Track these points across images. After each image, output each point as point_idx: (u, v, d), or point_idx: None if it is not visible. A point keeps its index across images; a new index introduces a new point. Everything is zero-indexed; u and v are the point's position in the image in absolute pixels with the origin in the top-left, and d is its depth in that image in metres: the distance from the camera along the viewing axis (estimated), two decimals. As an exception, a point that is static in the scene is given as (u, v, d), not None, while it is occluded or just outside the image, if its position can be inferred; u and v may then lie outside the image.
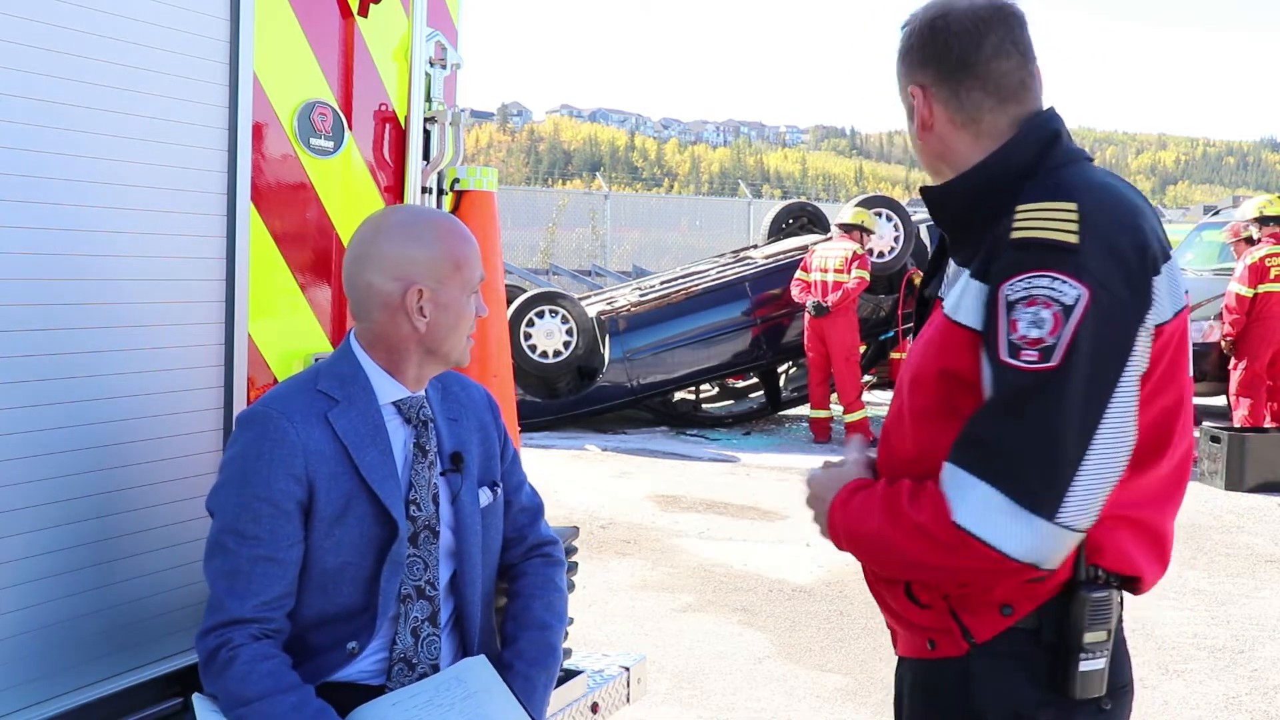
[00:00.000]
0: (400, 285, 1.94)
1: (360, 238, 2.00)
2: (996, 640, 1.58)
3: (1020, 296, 1.49)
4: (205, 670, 1.84)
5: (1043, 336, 1.46)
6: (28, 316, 1.92)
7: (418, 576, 1.98)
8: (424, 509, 1.98)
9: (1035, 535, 1.46)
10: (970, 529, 1.48)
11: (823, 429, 10.05)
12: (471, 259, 2.01)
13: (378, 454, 1.94)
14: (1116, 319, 1.48)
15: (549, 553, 2.22)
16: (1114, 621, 1.56)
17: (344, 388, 1.96)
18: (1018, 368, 1.48)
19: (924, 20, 1.70)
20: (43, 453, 1.94)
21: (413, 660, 1.98)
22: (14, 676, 1.92)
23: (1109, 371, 1.47)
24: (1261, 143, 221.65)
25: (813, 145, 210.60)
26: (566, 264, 18.85)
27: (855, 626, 5.12)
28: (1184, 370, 1.60)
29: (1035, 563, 1.47)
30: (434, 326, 1.97)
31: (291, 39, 2.41)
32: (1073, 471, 1.46)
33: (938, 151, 1.71)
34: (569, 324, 10.12)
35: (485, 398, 2.20)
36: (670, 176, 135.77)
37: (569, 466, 8.68)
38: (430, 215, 2.08)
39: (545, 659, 2.09)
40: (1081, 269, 1.47)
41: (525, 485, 2.25)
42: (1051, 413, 1.46)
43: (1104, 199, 1.55)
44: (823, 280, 9.74)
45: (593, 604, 5.22)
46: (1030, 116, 1.66)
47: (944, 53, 1.67)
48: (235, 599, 1.83)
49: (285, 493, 1.86)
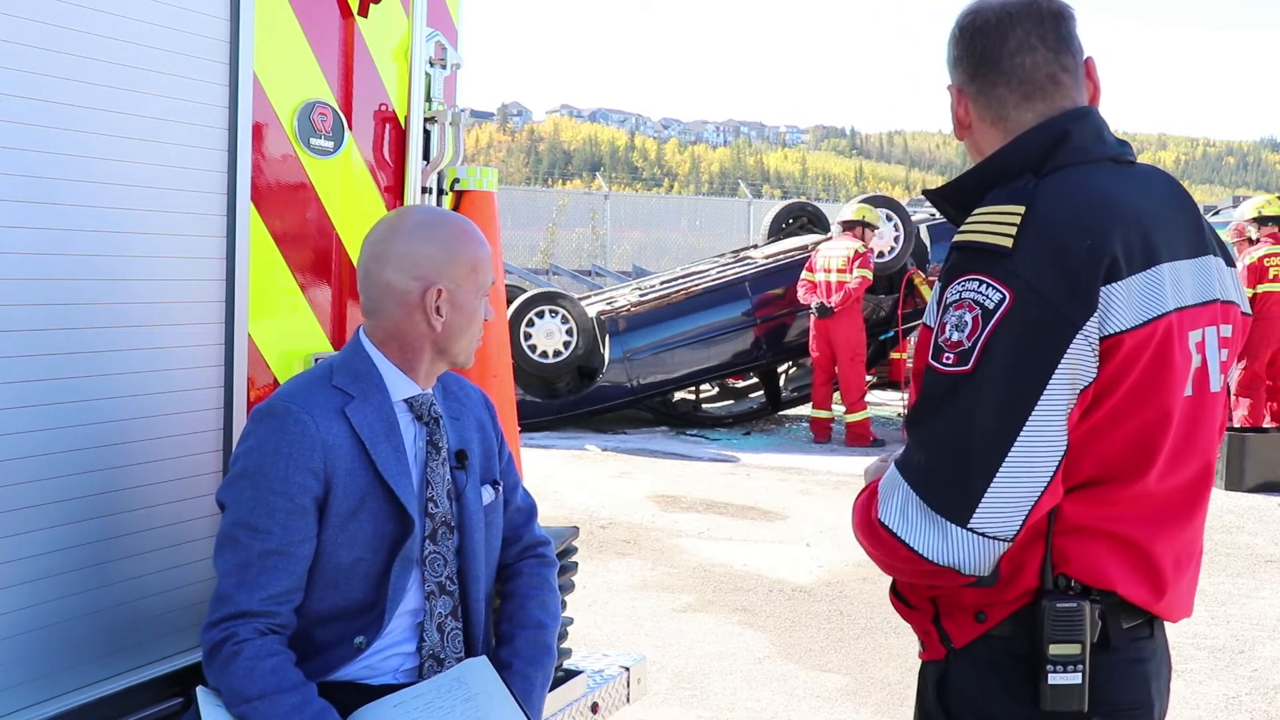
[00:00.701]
0: (420, 284, 1.95)
1: (378, 235, 2.01)
2: (972, 646, 1.57)
3: (953, 299, 1.49)
4: (209, 663, 1.85)
5: (962, 339, 1.46)
6: (28, 316, 1.92)
7: (439, 573, 2.00)
8: (440, 505, 2.00)
9: (948, 541, 1.44)
10: (891, 527, 1.49)
11: (823, 429, 10.06)
12: (487, 262, 2.04)
13: (392, 450, 1.95)
14: (1043, 325, 1.44)
15: (543, 553, 2.24)
16: (1089, 635, 1.50)
17: (358, 383, 1.97)
18: (937, 370, 1.48)
19: (957, 21, 1.69)
20: (43, 453, 1.94)
21: (441, 656, 2.00)
22: (14, 676, 1.92)
23: (1029, 378, 1.44)
24: (1261, 143, 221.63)
25: (813, 145, 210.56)
26: (566, 264, 18.85)
27: (855, 626, 5.12)
28: (1172, 385, 1.52)
29: (954, 567, 1.45)
30: (448, 327, 1.98)
31: (291, 39, 2.41)
32: (985, 478, 1.43)
33: (976, 149, 1.69)
34: (569, 324, 10.12)
35: (482, 397, 2.22)
36: (670, 176, 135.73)
37: (569, 466, 8.68)
38: (450, 216, 2.09)
39: (542, 658, 2.10)
40: (1010, 273, 1.45)
41: (520, 486, 2.27)
42: (963, 417, 1.44)
43: (1070, 202, 1.51)
44: (827, 280, 9.75)
45: (593, 604, 5.22)
46: (1054, 115, 1.62)
47: (971, 50, 1.66)
48: (244, 591, 1.83)
49: (302, 487, 1.86)
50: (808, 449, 9.75)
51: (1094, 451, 1.49)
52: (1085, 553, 1.52)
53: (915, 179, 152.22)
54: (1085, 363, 1.45)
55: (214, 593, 1.88)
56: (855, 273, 9.62)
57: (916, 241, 10.79)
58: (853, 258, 9.64)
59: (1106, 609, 1.53)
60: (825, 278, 9.76)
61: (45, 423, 1.95)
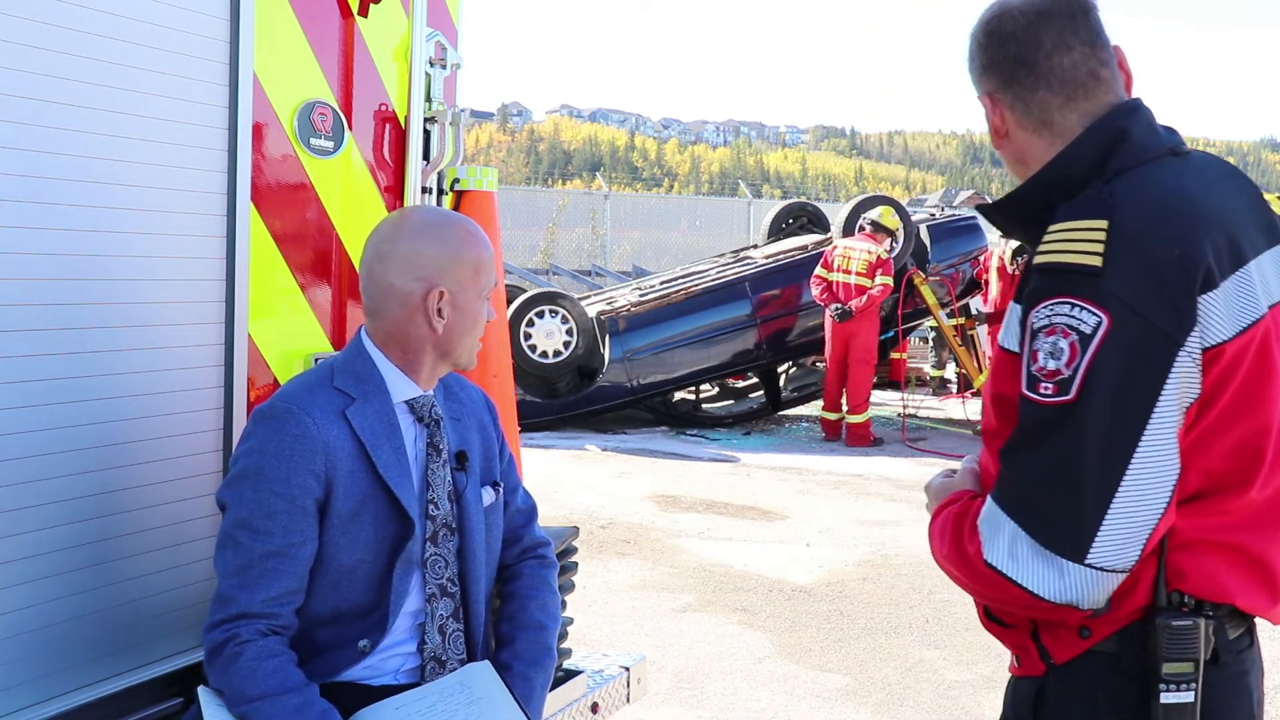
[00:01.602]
0: (423, 286, 1.94)
1: (381, 236, 2.00)
2: (1075, 662, 1.50)
3: (1042, 325, 1.41)
4: (211, 664, 1.85)
5: (1060, 368, 1.38)
6: (28, 316, 1.92)
7: (440, 575, 2.00)
8: (441, 507, 2.00)
9: (1064, 578, 1.38)
10: (1000, 569, 1.42)
11: (834, 429, 10.07)
12: (489, 264, 2.02)
13: (393, 452, 1.95)
14: (1146, 346, 1.37)
15: (543, 554, 2.23)
16: (1203, 653, 1.43)
17: (359, 385, 1.96)
18: (1035, 401, 1.41)
19: (981, 24, 1.62)
20: (43, 453, 1.94)
21: (442, 658, 1.99)
22: (14, 676, 1.92)
23: (1136, 403, 1.37)
24: (1261, 143, 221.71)
25: (813, 145, 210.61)
26: (566, 264, 18.84)
27: (855, 626, 5.12)
28: (1274, 386, 1.46)
29: (1071, 604, 1.40)
30: (450, 329, 1.98)
31: (291, 39, 2.41)
32: (1099, 511, 1.37)
33: (1018, 157, 1.63)
34: (569, 324, 10.12)
35: (483, 398, 2.21)
36: (670, 176, 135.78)
37: (569, 466, 8.68)
38: (453, 218, 2.08)
39: (542, 659, 2.10)
40: (1104, 294, 1.38)
41: (520, 487, 2.26)
42: (1071, 449, 1.37)
43: (1152, 209, 1.44)
44: (845, 282, 9.73)
45: (593, 604, 5.22)
46: (1101, 114, 1.55)
47: (1002, 55, 1.58)
48: (245, 592, 1.83)
49: (303, 489, 1.86)
50: (808, 449, 9.75)
51: (1200, 463, 1.44)
52: (1201, 567, 1.45)
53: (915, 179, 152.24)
54: (1190, 379, 1.40)
55: (215, 594, 1.88)
56: (878, 279, 9.62)
57: (916, 241, 10.80)
58: (875, 263, 9.63)
59: (1217, 622, 1.47)
60: (843, 279, 9.75)
61: (45, 423, 1.95)
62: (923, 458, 9.36)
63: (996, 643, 1.67)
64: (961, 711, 4.16)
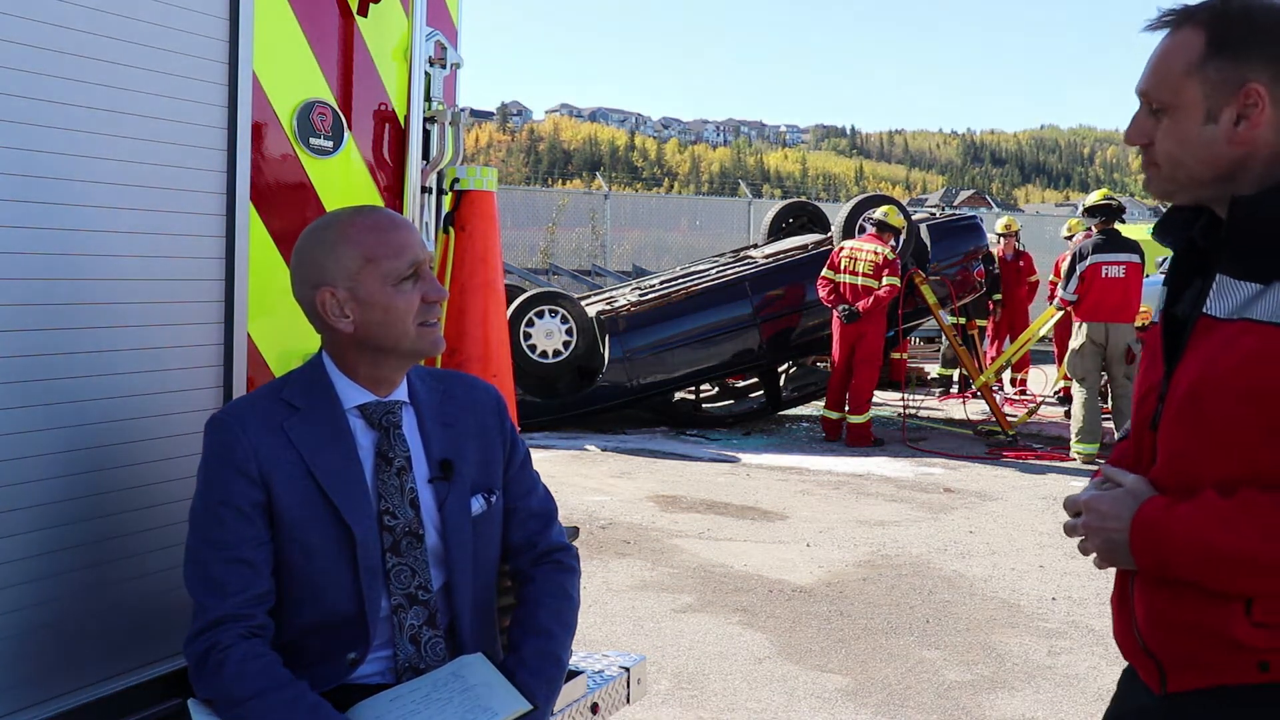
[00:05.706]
0: (314, 291, 1.93)
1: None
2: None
3: None
4: (197, 675, 1.84)
5: None
6: (27, 316, 1.92)
7: (406, 584, 1.96)
8: (400, 515, 1.95)
9: None
10: None
11: (834, 429, 10.06)
12: (386, 247, 1.93)
13: (338, 459, 1.93)
14: None
15: (560, 559, 2.15)
16: None
17: (306, 395, 1.96)
18: None
19: (1266, 7, 1.46)
20: (42, 453, 1.94)
21: (419, 666, 1.97)
22: (14, 676, 1.92)
23: None
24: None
25: (813, 145, 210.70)
26: (566, 264, 18.84)
27: (855, 626, 5.12)
28: None
29: None
30: (362, 324, 1.93)
31: (291, 39, 2.41)
32: None
33: (1238, 159, 1.48)
34: (569, 324, 10.12)
35: (492, 401, 2.13)
36: (670, 176, 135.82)
37: (569, 466, 8.68)
38: (338, 215, 2.01)
39: (548, 668, 2.01)
40: None
41: (537, 489, 2.18)
42: None
43: None
44: (851, 283, 9.72)
45: (593, 604, 5.22)
46: None
47: None
48: (215, 599, 1.84)
49: (242, 494, 1.87)
50: (808, 449, 9.75)
51: None
52: None
53: (915, 178, 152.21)
54: None
55: (192, 610, 1.88)
56: (885, 280, 9.60)
57: (916, 241, 10.80)
58: (882, 264, 9.62)
59: None
60: (850, 280, 9.73)
61: (45, 422, 1.95)
62: (923, 458, 9.36)
63: (997, 643, 1.63)
64: (961, 712, 4.16)
